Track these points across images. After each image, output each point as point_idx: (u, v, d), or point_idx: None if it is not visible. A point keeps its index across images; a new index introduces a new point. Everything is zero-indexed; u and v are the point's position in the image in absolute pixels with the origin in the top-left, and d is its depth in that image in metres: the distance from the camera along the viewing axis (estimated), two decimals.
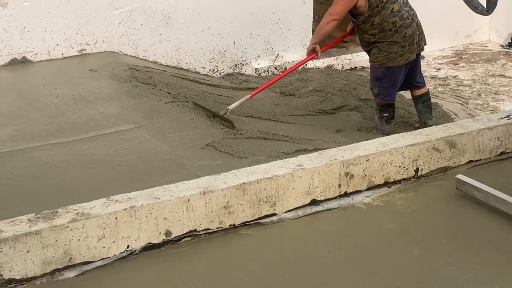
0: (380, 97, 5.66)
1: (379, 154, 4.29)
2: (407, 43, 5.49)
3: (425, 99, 5.87)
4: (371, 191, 4.32)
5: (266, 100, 6.43)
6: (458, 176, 4.29)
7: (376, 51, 5.55)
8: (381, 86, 5.63)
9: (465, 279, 3.48)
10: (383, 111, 5.74)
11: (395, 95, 5.76)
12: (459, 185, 4.27)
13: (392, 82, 5.62)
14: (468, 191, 4.21)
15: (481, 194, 4.13)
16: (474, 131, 4.63)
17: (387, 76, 5.58)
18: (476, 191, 4.16)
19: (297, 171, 4.01)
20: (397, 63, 5.51)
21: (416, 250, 3.73)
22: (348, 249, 3.74)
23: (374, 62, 5.61)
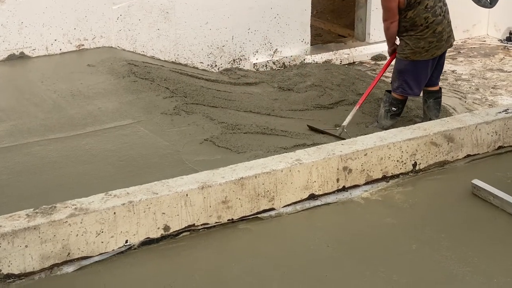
0: (400, 91, 5.64)
1: (377, 149, 4.29)
2: (436, 39, 5.50)
3: (437, 96, 5.87)
4: (369, 186, 4.32)
5: (265, 95, 6.43)
6: (474, 181, 4.25)
7: (403, 44, 5.56)
8: (403, 80, 5.62)
9: (463, 272, 3.49)
10: (393, 105, 5.72)
11: (418, 90, 5.73)
12: (475, 190, 4.24)
13: (415, 76, 5.61)
14: (484, 196, 4.18)
15: (497, 200, 4.10)
16: (472, 125, 4.63)
17: (411, 70, 5.58)
18: (492, 196, 4.12)
19: (296, 165, 4.02)
20: (422, 57, 5.52)
21: (414, 244, 3.74)
22: (347, 243, 3.75)
23: (400, 55, 5.62)
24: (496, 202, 4.11)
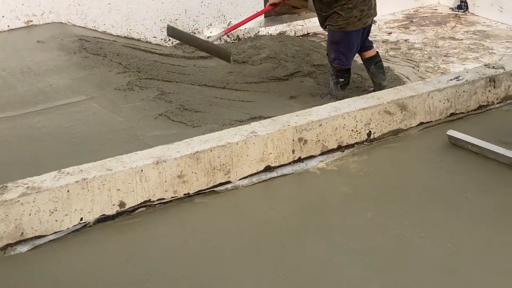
0: (337, 62, 5.66)
1: (332, 119, 4.31)
2: (366, 7, 5.50)
3: (377, 60, 5.90)
4: (325, 156, 4.35)
5: (219, 68, 6.39)
6: (449, 132, 4.43)
7: (335, 16, 5.53)
8: (339, 51, 5.62)
9: (418, 239, 3.54)
10: (339, 76, 5.74)
11: (351, 60, 5.77)
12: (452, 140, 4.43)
13: (350, 47, 5.62)
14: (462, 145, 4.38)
15: (475, 148, 4.30)
16: (424, 93, 4.68)
17: (345, 40, 5.58)
18: (470, 145, 4.33)
19: (251, 138, 4.01)
20: (355, 27, 5.51)
21: (369, 212, 3.78)
22: (303, 213, 3.77)
23: (333, 26, 5.59)
24: (474, 149, 4.27)
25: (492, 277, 3.23)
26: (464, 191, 3.98)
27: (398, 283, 3.18)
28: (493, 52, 7.00)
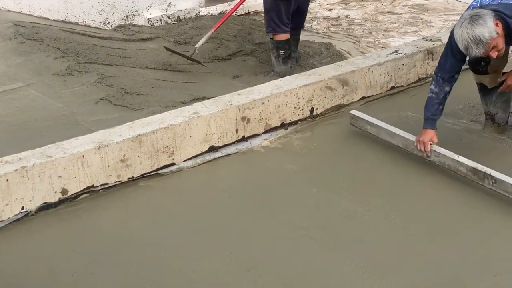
0: (270, 30, 5.65)
1: (274, 97, 4.31)
2: None
3: (294, 33, 5.94)
4: (269, 134, 4.36)
5: (161, 50, 6.30)
6: (352, 112, 4.39)
7: None
8: (270, 19, 5.62)
9: (362, 211, 3.60)
10: (279, 48, 5.74)
11: (287, 29, 5.76)
12: (353, 121, 4.37)
13: (279, 15, 5.63)
14: (361, 126, 4.33)
15: (373, 129, 4.25)
16: (364, 67, 4.73)
17: (275, 8, 5.60)
18: (369, 125, 4.28)
19: (193, 119, 3.99)
20: None
21: (314, 187, 3.81)
22: (249, 192, 3.78)
23: None
24: (372, 130, 4.26)
25: (433, 246, 3.31)
26: (407, 166, 4.05)
27: (346, 256, 3.23)
28: (431, 25, 7.09)
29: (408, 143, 4.04)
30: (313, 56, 6.28)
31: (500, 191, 3.61)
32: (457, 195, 3.74)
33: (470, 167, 3.74)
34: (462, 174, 3.79)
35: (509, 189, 3.56)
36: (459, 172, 3.80)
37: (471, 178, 3.74)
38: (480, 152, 4.14)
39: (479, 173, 3.69)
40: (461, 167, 3.78)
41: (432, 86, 3.91)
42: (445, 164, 3.86)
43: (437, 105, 3.89)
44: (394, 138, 4.13)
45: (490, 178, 3.64)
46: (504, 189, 3.59)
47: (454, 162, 3.81)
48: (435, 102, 3.89)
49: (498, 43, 3.54)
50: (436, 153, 3.90)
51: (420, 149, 3.94)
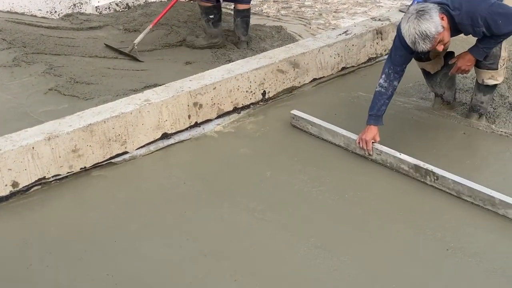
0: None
1: (226, 81, 4.30)
2: None
3: (245, 15, 5.95)
4: (221, 119, 4.35)
5: (110, 38, 6.22)
6: (293, 112, 4.32)
7: None
8: None
9: (316, 192, 3.63)
10: (208, 13, 5.82)
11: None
12: (294, 121, 4.32)
13: None
14: (302, 126, 4.27)
15: (314, 128, 4.20)
16: (315, 49, 4.75)
17: None
18: (310, 125, 4.21)
19: (145, 106, 3.96)
20: None
21: (269, 171, 3.82)
22: (203, 178, 3.77)
23: None
24: (314, 130, 4.21)
25: (386, 224, 3.36)
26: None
27: (302, 236, 3.25)
28: (381, 5, 7.15)
29: (350, 141, 3.99)
30: (264, 39, 6.27)
31: (442, 188, 3.61)
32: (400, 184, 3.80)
33: (412, 164, 3.71)
34: (404, 172, 3.76)
35: (450, 185, 3.57)
36: (401, 170, 3.77)
37: (413, 175, 3.71)
38: (430, 128, 4.21)
39: (421, 170, 3.67)
40: (403, 165, 3.75)
41: (381, 80, 3.89)
42: (387, 162, 3.83)
43: (384, 99, 3.87)
44: (336, 137, 4.07)
45: (432, 175, 3.63)
46: (445, 186, 3.59)
47: (396, 160, 3.78)
48: (383, 97, 3.87)
49: (444, 37, 3.58)
50: (378, 151, 3.86)
51: (362, 147, 3.92)
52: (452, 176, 3.56)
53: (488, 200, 3.43)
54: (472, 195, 3.49)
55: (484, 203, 3.45)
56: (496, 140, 4.08)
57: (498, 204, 3.39)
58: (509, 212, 3.36)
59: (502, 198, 3.38)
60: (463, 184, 3.51)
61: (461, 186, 3.52)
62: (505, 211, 3.37)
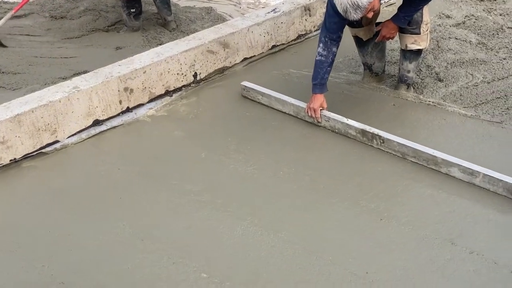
0: None
1: (156, 65, 4.26)
2: None
3: None
4: (154, 103, 4.32)
5: (36, 26, 6.08)
6: (243, 83, 4.40)
7: None
8: None
9: (252, 170, 3.64)
10: (130, 7, 5.78)
11: None
12: (245, 92, 4.40)
13: None
14: (253, 97, 4.35)
15: (265, 98, 4.29)
16: (244, 28, 4.74)
17: None
18: (260, 95, 4.31)
19: (74, 93, 3.89)
20: None
21: (203, 152, 3.82)
22: (138, 163, 3.74)
23: None
24: (264, 100, 4.29)
25: (321, 197, 3.41)
26: (288, 120, 4.12)
27: (238, 217, 3.26)
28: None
29: (299, 110, 4.10)
30: (195, 21, 6.24)
31: (388, 150, 3.75)
32: (345, 146, 3.86)
33: (359, 129, 3.85)
34: (352, 136, 3.89)
35: (395, 147, 3.71)
36: (349, 134, 3.90)
37: (361, 139, 3.85)
38: (361, 102, 4.27)
39: (368, 134, 3.81)
40: (351, 130, 3.89)
41: (319, 49, 3.92)
42: (336, 128, 3.96)
43: (326, 67, 3.92)
44: (286, 106, 4.18)
45: (378, 138, 3.77)
46: (391, 148, 3.73)
47: (344, 125, 3.91)
48: (324, 65, 3.92)
49: (374, 5, 3.62)
50: (326, 118, 3.98)
51: (310, 116, 4.02)
52: (397, 139, 3.72)
53: (431, 159, 3.58)
54: (416, 156, 3.65)
55: (428, 162, 3.61)
56: (424, 110, 4.18)
57: (441, 163, 3.55)
58: (451, 170, 3.52)
59: (444, 157, 3.54)
60: (407, 145, 3.67)
61: (406, 148, 3.68)
62: (448, 169, 3.53)
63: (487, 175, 3.39)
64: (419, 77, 4.50)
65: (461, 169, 3.48)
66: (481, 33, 5.15)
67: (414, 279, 2.85)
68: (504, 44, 4.97)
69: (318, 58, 3.93)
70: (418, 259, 2.96)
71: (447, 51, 4.85)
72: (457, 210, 3.27)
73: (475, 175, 3.43)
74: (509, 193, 3.34)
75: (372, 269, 2.91)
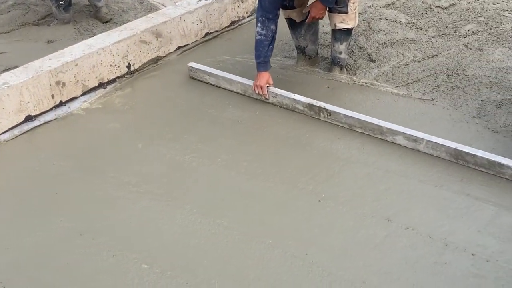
0: None
1: (87, 57, 4.20)
2: None
3: None
4: (87, 96, 4.26)
5: None
6: (190, 64, 4.44)
7: None
8: None
9: (189, 159, 3.64)
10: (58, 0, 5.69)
11: None
12: (192, 73, 4.43)
13: None
14: (200, 77, 4.40)
15: (212, 78, 4.34)
16: (176, 17, 4.71)
17: None
18: (208, 75, 4.36)
19: (3, 90, 3.81)
20: None
21: (140, 143, 3.80)
22: (73, 157, 3.69)
23: None
24: (212, 80, 4.35)
25: (263, 178, 3.43)
26: (226, 106, 4.13)
27: (177, 205, 3.27)
28: None
29: (246, 88, 4.17)
30: (127, 11, 6.17)
31: (334, 122, 3.87)
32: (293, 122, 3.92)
33: (306, 103, 3.94)
34: (300, 111, 3.99)
35: (342, 119, 3.83)
36: (297, 109, 3.99)
37: (308, 113, 3.95)
38: (296, 85, 4.30)
39: (315, 108, 3.91)
40: (298, 105, 3.98)
41: (258, 29, 3.98)
42: (283, 104, 4.05)
43: (267, 46, 4.00)
44: (233, 84, 4.25)
45: (325, 111, 3.88)
46: (338, 120, 3.85)
47: (291, 100, 4.01)
48: (265, 43, 3.99)
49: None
50: (274, 94, 4.07)
51: (258, 93, 4.08)
52: (343, 111, 3.84)
53: (377, 129, 3.72)
54: (362, 126, 3.78)
55: (374, 132, 3.74)
56: (358, 91, 4.24)
57: (386, 132, 3.68)
58: (396, 139, 3.67)
59: (389, 126, 3.69)
60: (353, 117, 3.80)
61: (352, 119, 3.80)
62: (393, 137, 3.67)
63: (430, 141, 3.55)
64: (351, 58, 4.56)
65: (406, 136, 3.63)
66: (411, 13, 5.25)
67: (352, 257, 2.90)
68: (433, 23, 5.08)
69: (258, 37, 4.00)
70: (355, 237, 3.02)
71: (378, 32, 4.92)
72: (393, 188, 3.34)
73: (419, 142, 3.59)
74: (451, 157, 3.49)
75: (311, 250, 2.95)
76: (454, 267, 2.83)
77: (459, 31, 4.92)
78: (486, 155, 3.39)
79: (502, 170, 3.35)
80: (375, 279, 2.79)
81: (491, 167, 3.37)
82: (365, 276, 2.80)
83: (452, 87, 4.20)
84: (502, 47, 4.64)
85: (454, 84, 4.23)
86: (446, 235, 3.00)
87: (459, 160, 3.47)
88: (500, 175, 3.36)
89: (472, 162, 3.43)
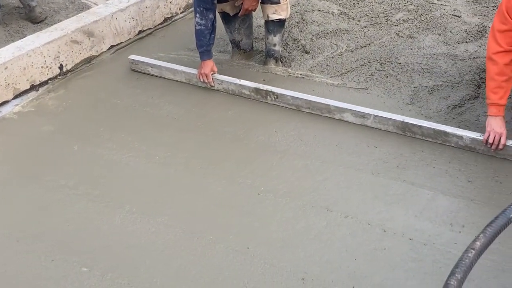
0: None
1: (17, 59, 4.11)
2: None
3: None
4: (19, 99, 4.17)
5: None
6: (131, 57, 4.46)
7: None
8: None
9: (127, 158, 3.60)
10: None
11: None
12: (133, 65, 4.45)
13: None
14: (142, 69, 4.42)
15: (155, 69, 4.37)
16: (108, 16, 4.65)
17: None
18: (150, 67, 4.39)
19: None
20: None
21: (76, 144, 3.74)
22: (7, 162, 3.61)
23: None
24: (154, 71, 4.37)
25: (201, 174, 3.43)
26: (163, 104, 4.10)
27: (116, 205, 3.23)
28: None
29: (191, 77, 4.23)
30: (59, 11, 6.05)
31: (282, 104, 3.96)
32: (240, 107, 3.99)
33: (252, 88, 4.04)
34: (246, 96, 4.08)
35: (289, 101, 3.93)
36: (243, 94, 4.08)
37: (255, 97, 4.05)
38: None
39: (262, 91, 4.01)
40: (244, 90, 4.08)
41: (197, 19, 4.01)
42: (229, 90, 4.13)
43: (208, 35, 4.04)
44: (177, 74, 4.30)
45: (272, 94, 3.98)
46: (285, 102, 3.95)
47: (237, 86, 4.09)
48: (205, 33, 4.03)
49: None
50: (219, 81, 4.14)
51: (203, 81, 4.14)
52: (290, 93, 3.95)
53: (325, 108, 3.82)
54: (310, 107, 3.87)
55: (322, 111, 3.84)
56: (293, 82, 4.27)
57: (334, 110, 3.80)
58: (344, 116, 3.78)
59: (336, 105, 3.80)
60: (301, 98, 3.89)
61: (300, 100, 3.90)
62: (341, 115, 3.79)
63: (378, 115, 3.67)
64: (286, 50, 4.59)
65: (353, 113, 3.74)
66: (343, 4, 5.31)
67: (293, 249, 2.92)
68: (365, 12, 5.15)
69: (198, 27, 4.04)
70: (295, 228, 3.04)
71: (311, 23, 4.96)
72: (330, 178, 3.37)
73: (367, 117, 3.70)
74: (399, 130, 3.64)
75: (252, 243, 2.96)
76: (393, 253, 2.88)
77: (390, 19, 5.00)
78: (432, 125, 3.56)
79: (448, 139, 3.52)
80: (316, 269, 2.81)
81: (437, 136, 3.54)
82: (306, 267, 2.82)
83: (385, 75, 4.27)
84: (432, 34, 4.74)
85: (387, 72, 4.30)
86: (384, 222, 3.05)
87: (407, 132, 3.62)
88: (446, 143, 3.53)
89: (419, 133, 3.59)
